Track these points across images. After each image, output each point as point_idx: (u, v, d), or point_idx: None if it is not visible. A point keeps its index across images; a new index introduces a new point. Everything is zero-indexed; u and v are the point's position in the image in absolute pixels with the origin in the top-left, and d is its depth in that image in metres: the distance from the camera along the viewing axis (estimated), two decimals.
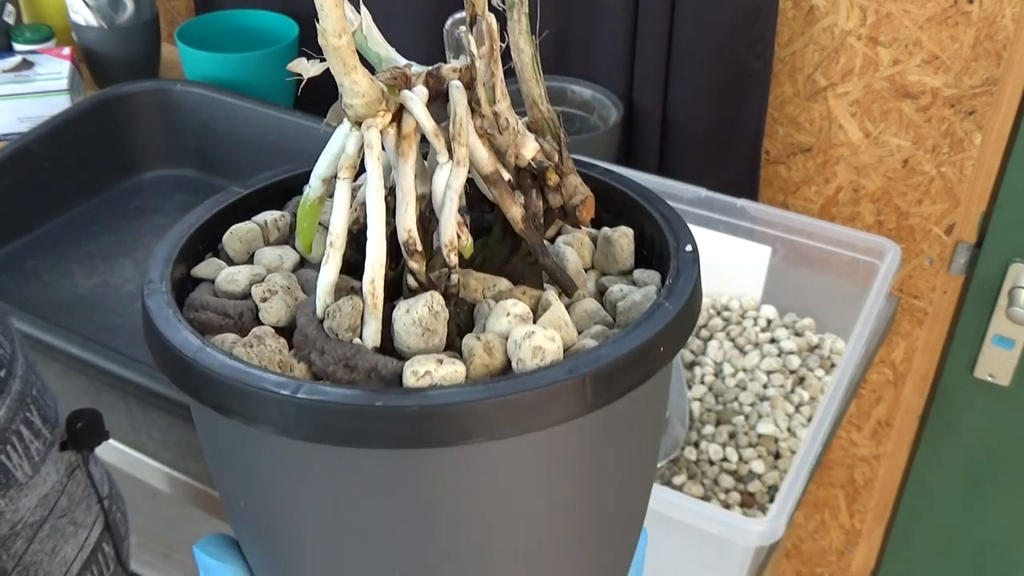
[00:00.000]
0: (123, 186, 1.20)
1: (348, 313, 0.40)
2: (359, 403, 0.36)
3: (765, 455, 0.85)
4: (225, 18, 1.30)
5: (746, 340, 0.96)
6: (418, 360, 0.38)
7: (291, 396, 0.36)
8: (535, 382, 0.37)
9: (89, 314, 1.01)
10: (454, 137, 0.40)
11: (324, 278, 0.40)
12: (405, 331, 0.39)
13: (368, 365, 0.39)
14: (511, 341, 0.39)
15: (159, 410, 0.85)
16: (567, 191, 0.44)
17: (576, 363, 0.38)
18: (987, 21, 1.00)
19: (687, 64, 1.09)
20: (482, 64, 0.42)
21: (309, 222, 0.43)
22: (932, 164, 1.10)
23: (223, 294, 0.43)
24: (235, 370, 0.37)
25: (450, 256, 0.41)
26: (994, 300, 1.12)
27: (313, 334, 0.40)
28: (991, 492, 1.24)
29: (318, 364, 0.39)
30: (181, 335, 0.39)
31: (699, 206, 0.99)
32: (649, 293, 0.44)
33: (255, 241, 0.45)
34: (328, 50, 0.38)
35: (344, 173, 0.40)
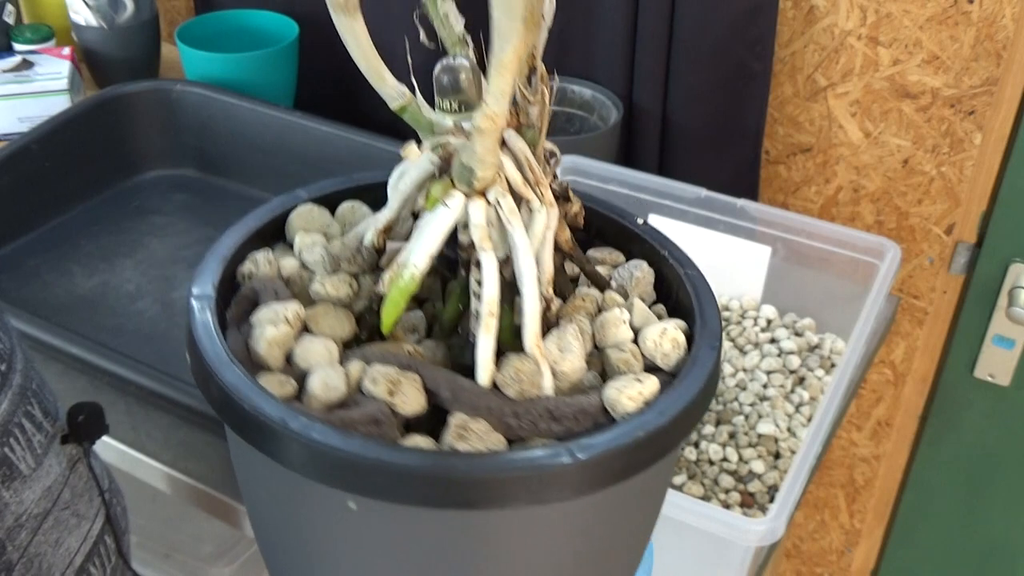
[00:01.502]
0: (123, 186, 1.20)
1: (533, 372, 0.41)
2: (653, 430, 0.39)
3: (765, 455, 0.85)
4: (225, 18, 1.30)
5: (746, 340, 0.96)
6: (623, 385, 0.40)
7: (582, 459, 0.37)
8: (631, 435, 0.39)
9: (89, 314, 1.01)
10: (536, 183, 0.42)
11: (486, 347, 0.41)
12: (572, 369, 0.42)
13: (573, 409, 0.40)
14: (650, 342, 0.43)
15: (159, 410, 0.85)
16: (572, 203, 0.47)
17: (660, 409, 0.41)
18: (987, 21, 1.00)
19: (687, 64, 1.09)
20: (536, 110, 0.43)
21: (406, 300, 0.42)
22: (932, 164, 1.10)
23: (323, 405, 0.41)
24: (505, 462, 0.38)
25: (548, 290, 0.43)
26: (994, 300, 1.12)
27: (497, 404, 0.40)
28: (991, 492, 1.24)
29: (521, 427, 0.40)
30: (413, 456, 0.38)
31: (699, 206, 0.99)
32: (643, 267, 0.47)
33: (289, 342, 0.44)
34: (487, 132, 0.40)
35: (487, 244, 0.41)
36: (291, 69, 1.26)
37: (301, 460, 0.38)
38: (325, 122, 1.14)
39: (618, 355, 0.42)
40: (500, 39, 0.37)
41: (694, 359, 0.41)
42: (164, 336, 0.99)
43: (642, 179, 1.01)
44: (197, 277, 0.45)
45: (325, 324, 0.44)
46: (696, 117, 1.12)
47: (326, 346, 0.43)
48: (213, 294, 0.44)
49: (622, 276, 0.47)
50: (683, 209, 1.00)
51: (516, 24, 0.36)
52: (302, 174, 1.17)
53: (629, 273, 0.47)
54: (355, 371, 0.41)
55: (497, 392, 0.41)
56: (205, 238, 1.13)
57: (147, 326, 1.00)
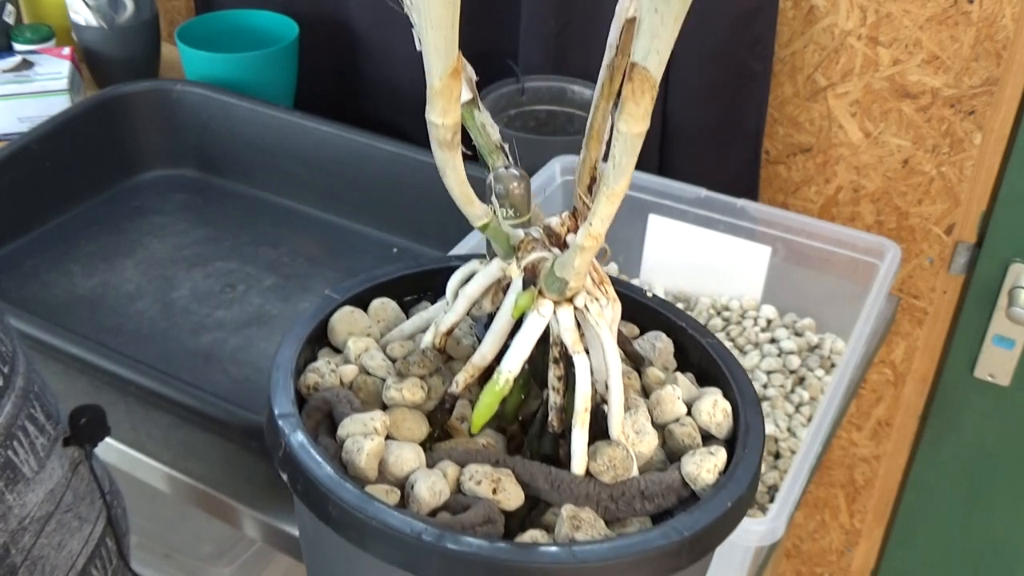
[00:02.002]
0: (123, 186, 1.20)
1: (624, 458, 0.44)
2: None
3: (765, 455, 0.85)
4: (225, 18, 1.30)
5: (746, 340, 0.96)
6: (700, 460, 0.44)
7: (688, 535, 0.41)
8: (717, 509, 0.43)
9: (89, 314, 1.01)
10: (600, 282, 0.46)
11: (582, 441, 0.44)
12: (648, 449, 0.45)
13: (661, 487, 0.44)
14: (704, 414, 0.46)
15: (159, 410, 0.85)
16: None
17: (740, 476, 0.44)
18: (987, 21, 1.00)
19: (687, 64, 1.09)
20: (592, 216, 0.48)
21: (496, 402, 0.45)
22: (932, 164, 1.10)
23: (428, 508, 0.43)
24: (636, 545, 0.41)
25: None
26: (994, 300, 1.12)
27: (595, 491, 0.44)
28: (991, 492, 1.24)
29: (619, 509, 0.44)
30: (548, 552, 0.40)
31: (699, 206, 0.99)
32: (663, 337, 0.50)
33: (381, 451, 0.45)
34: (591, 249, 0.43)
35: (578, 347, 0.44)
36: (291, 69, 1.26)
37: (441, 570, 0.40)
38: (325, 122, 1.14)
39: (681, 430, 0.46)
40: (617, 171, 0.41)
41: (746, 426, 0.45)
42: (164, 336, 0.99)
43: (642, 179, 1.01)
44: (273, 395, 0.47)
45: (405, 428, 0.46)
46: (696, 117, 1.12)
47: (415, 451, 0.45)
48: (295, 411, 0.46)
49: (643, 348, 0.50)
50: (683, 209, 1.00)
51: (631, 160, 0.40)
52: (302, 174, 1.17)
53: (651, 344, 0.50)
54: (452, 472, 0.44)
55: (592, 479, 0.44)
56: (205, 238, 1.13)
57: (147, 326, 1.00)
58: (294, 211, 1.18)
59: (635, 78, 0.39)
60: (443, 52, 0.42)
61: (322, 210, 1.17)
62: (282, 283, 1.07)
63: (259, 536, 0.84)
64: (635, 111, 0.39)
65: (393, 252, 1.12)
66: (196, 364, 0.96)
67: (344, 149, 1.13)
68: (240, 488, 0.83)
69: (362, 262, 1.10)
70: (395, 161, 1.09)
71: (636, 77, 0.38)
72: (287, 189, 1.19)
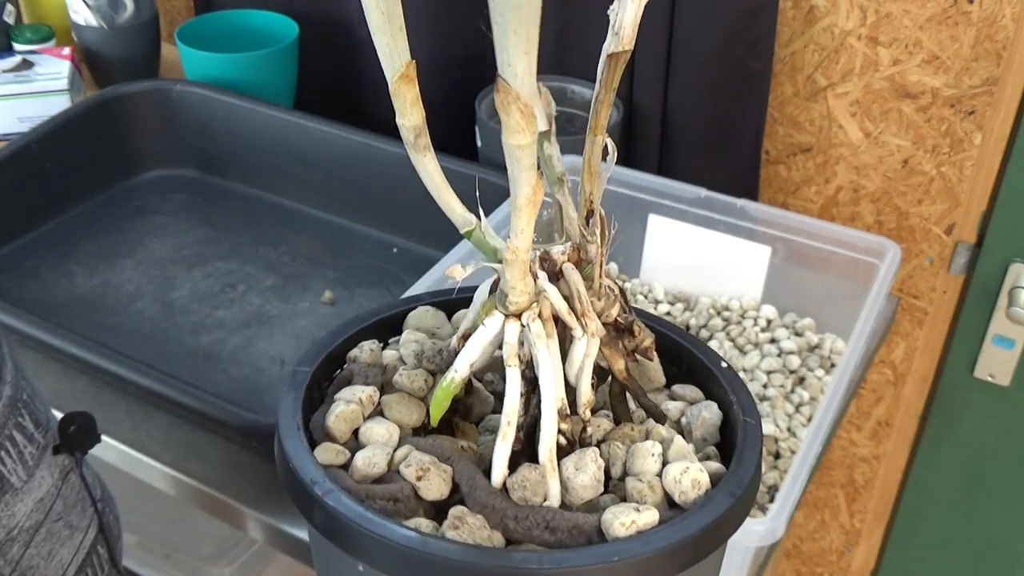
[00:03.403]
0: (123, 186, 1.20)
1: (538, 481, 0.44)
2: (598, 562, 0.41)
3: (765, 455, 0.85)
4: (225, 18, 1.30)
5: (746, 340, 0.96)
6: (620, 512, 0.43)
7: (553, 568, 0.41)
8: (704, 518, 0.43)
9: (89, 314, 1.01)
10: (582, 314, 0.46)
11: (502, 453, 0.45)
12: (583, 487, 0.45)
13: (569, 524, 0.43)
14: (670, 478, 0.45)
15: (159, 410, 0.85)
16: (639, 337, 0.51)
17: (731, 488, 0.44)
18: (987, 21, 1.00)
19: (687, 64, 1.09)
20: (593, 248, 0.48)
21: (448, 400, 0.47)
22: (932, 164, 1.10)
23: (363, 477, 0.46)
24: (484, 553, 0.42)
25: (586, 413, 0.47)
26: (994, 300, 1.12)
27: (501, 505, 0.44)
28: (991, 492, 1.24)
29: (518, 531, 0.44)
30: (398, 532, 0.42)
31: (699, 206, 0.99)
32: (714, 409, 0.50)
33: (357, 419, 0.48)
34: (514, 263, 0.44)
35: (513, 361, 0.45)
36: (291, 69, 1.26)
37: (321, 520, 0.43)
38: (325, 122, 1.14)
39: (635, 484, 0.45)
40: (514, 186, 0.42)
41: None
42: (164, 336, 0.99)
43: (642, 179, 1.01)
44: (308, 352, 0.51)
45: (396, 410, 0.49)
46: (696, 117, 1.12)
47: (388, 428, 0.48)
48: (310, 370, 0.50)
49: (692, 415, 0.50)
50: (683, 209, 1.00)
51: (524, 173, 0.41)
52: (302, 174, 1.17)
53: (698, 411, 0.50)
54: (401, 454, 0.46)
55: (505, 494, 0.44)
56: (205, 238, 1.13)
57: (147, 326, 1.00)
58: (294, 211, 1.18)
59: (499, 90, 0.40)
60: (389, 56, 0.44)
61: (322, 210, 1.17)
62: (282, 283, 1.07)
63: (260, 536, 0.84)
64: (508, 122, 0.40)
65: (393, 252, 1.12)
66: (196, 364, 0.96)
67: (344, 149, 1.13)
68: (240, 488, 0.83)
69: (362, 262, 1.10)
70: (395, 161, 1.09)
71: (500, 89, 0.39)
72: (287, 189, 1.19)
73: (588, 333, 0.46)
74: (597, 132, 0.48)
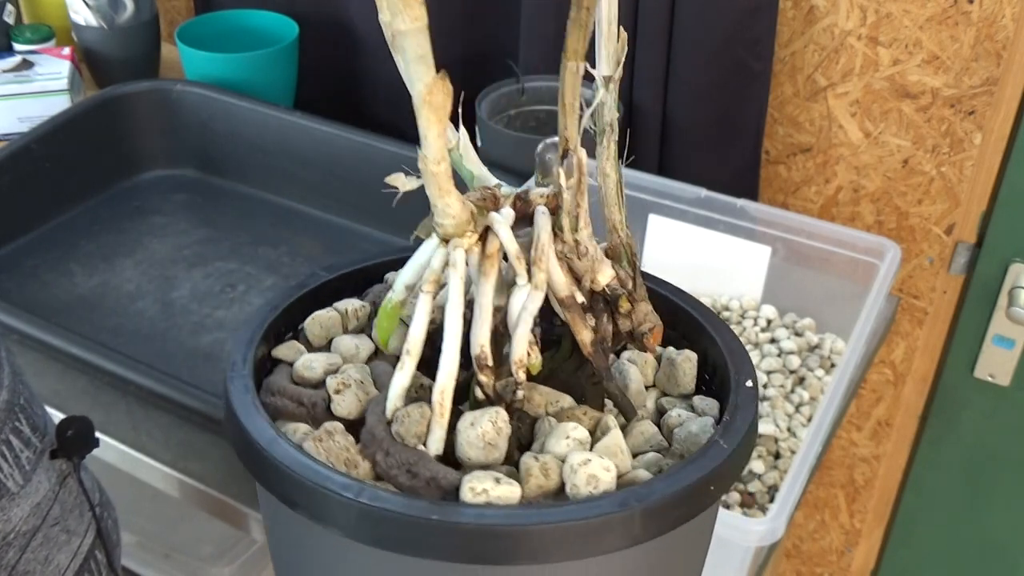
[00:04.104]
0: (123, 186, 1.20)
1: (416, 420, 0.41)
2: (416, 515, 0.38)
3: (765, 455, 0.85)
4: (225, 18, 1.30)
5: (746, 340, 0.96)
6: (477, 476, 0.39)
7: (353, 499, 0.38)
8: (587, 512, 0.38)
9: (89, 314, 1.01)
10: (535, 261, 0.42)
11: (397, 383, 0.42)
12: (468, 444, 0.41)
13: (429, 474, 0.40)
14: (567, 466, 0.40)
15: (159, 410, 0.85)
16: (637, 317, 0.45)
17: (627, 496, 0.39)
18: (987, 21, 1.00)
19: (687, 64, 1.09)
20: (569, 195, 0.44)
21: (389, 322, 0.45)
22: (932, 164, 1.10)
23: (300, 380, 0.45)
24: (304, 466, 0.39)
25: (519, 373, 0.43)
26: (994, 300, 1.12)
27: (380, 435, 0.41)
28: (991, 492, 1.24)
29: (382, 465, 0.41)
30: (257, 423, 0.41)
31: (699, 206, 0.99)
32: (706, 425, 0.45)
33: (335, 328, 0.47)
34: (426, 175, 0.40)
35: (427, 287, 0.42)
36: (291, 69, 1.26)
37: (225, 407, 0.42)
38: (325, 122, 1.14)
39: (529, 460, 0.41)
40: (409, 84, 0.38)
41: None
42: (164, 336, 0.99)
43: (642, 179, 1.01)
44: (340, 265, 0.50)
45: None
46: (696, 117, 1.12)
47: (358, 344, 0.46)
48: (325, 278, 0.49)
49: (682, 428, 0.46)
50: (683, 209, 1.00)
51: (412, 66, 0.37)
52: (302, 174, 1.17)
53: (688, 427, 0.45)
54: (342, 369, 0.44)
55: (389, 428, 0.42)
56: (205, 238, 1.13)
57: (147, 326, 1.00)
58: (294, 211, 1.18)
59: None
60: None
61: (322, 210, 1.17)
62: (282, 283, 1.07)
63: (260, 536, 0.84)
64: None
65: None
66: (196, 364, 0.96)
67: (344, 149, 1.13)
68: (241, 488, 0.83)
69: None
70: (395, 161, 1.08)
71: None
72: (287, 189, 1.19)
73: (532, 284, 0.42)
74: (571, 57, 0.43)
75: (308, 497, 0.39)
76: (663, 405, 0.48)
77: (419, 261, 0.43)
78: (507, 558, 0.38)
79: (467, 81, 1.17)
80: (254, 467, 0.41)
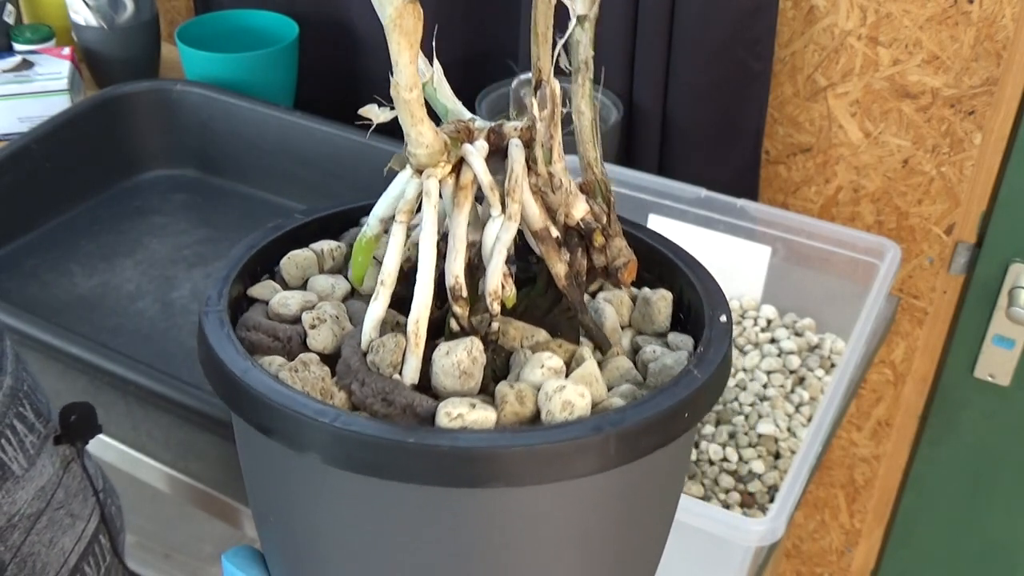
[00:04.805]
0: (123, 186, 1.20)
1: (391, 349, 0.41)
2: (392, 438, 0.38)
3: (765, 455, 0.85)
4: (225, 18, 1.30)
5: (746, 340, 0.96)
6: (452, 402, 0.39)
7: (329, 424, 0.38)
8: (561, 436, 0.38)
9: (89, 314, 1.01)
10: (509, 193, 0.42)
11: (372, 313, 0.42)
12: (443, 372, 0.41)
13: (404, 401, 0.40)
14: (542, 392, 0.40)
15: (159, 410, 0.85)
16: (611, 252, 0.46)
17: (601, 421, 0.39)
18: (987, 21, 1.00)
19: (687, 64, 1.09)
20: (542, 126, 0.43)
21: (364, 257, 0.45)
22: (932, 164, 1.10)
23: (275, 316, 0.45)
24: (279, 393, 0.39)
25: (493, 305, 0.43)
26: (994, 300, 1.12)
27: (356, 365, 0.41)
28: (991, 492, 1.24)
29: (357, 395, 0.41)
30: (231, 354, 0.41)
31: (699, 206, 0.99)
32: (680, 358, 0.45)
33: (310, 268, 0.47)
34: (399, 102, 0.40)
35: (401, 217, 0.42)
36: (291, 69, 1.26)
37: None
38: (325, 122, 1.14)
39: (504, 388, 0.41)
40: (379, 8, 0.37)
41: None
42: (164, 336, 0.99)
43: (642, 179, 1.01)
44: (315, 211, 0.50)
45: None
46: (696, 117, 1.12)
47: (334, 283, 0.46)
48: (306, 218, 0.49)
49: (657, 361, 0.46)
50: (683, 209, 1.00)
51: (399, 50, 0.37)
52: (302, 174, 1.17)
53: (665, 357, 0.45)
54: (318, 305, 0.44)
55: (363, 358, 0.42)
56: (205, 238, 1.13)
57: (147, 326, 1.00)
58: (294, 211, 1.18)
59: None
60: None
61: None
62: None
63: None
64: None
65: None
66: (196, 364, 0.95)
67: (344, 149, 1.13)
68: (241, 488, 0.83)
69: None
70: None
71: None
72: (287, 189, 1.19)
73: (506, 215, 0.42)
74: None
75: (283, 424, 0.39)
76: (638, 343, 0.48)
77: (393, 193, 0.43)
78: (482, 481, 0.38)
79: (467, 81, 1.17)
80: (228, 396, 0.41)
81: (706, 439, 0.87)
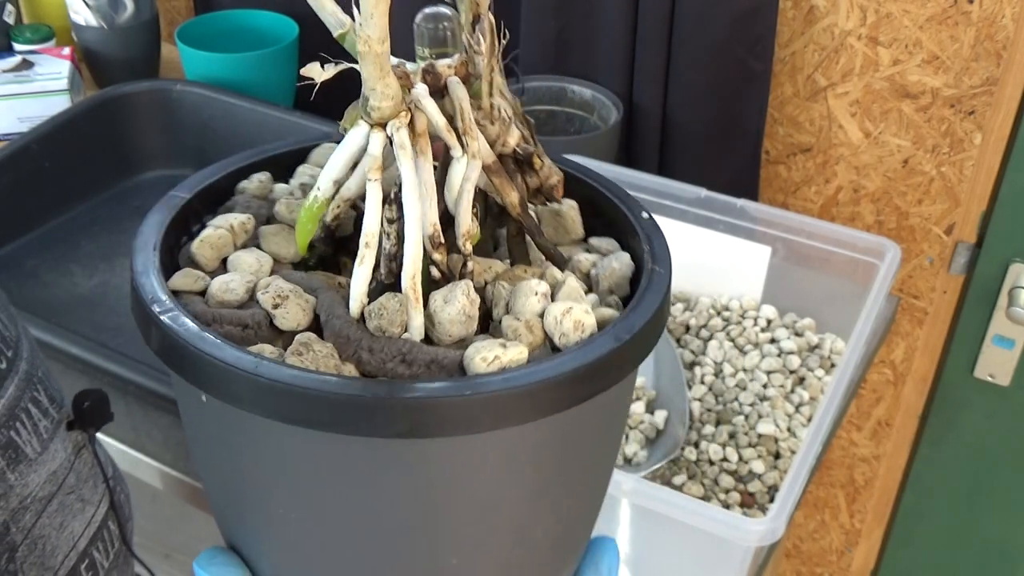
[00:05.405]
0: (123, 186, 1.20)
1: (396, 310, 0.40)
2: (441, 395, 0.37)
3: (765, 455, 0.85)
4: (225, 18, 1.30)
5: (746, 340, 0.96)
6: (483, 347, 0.39)
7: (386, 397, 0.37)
8: (591, 353, 0.39)
9: (89, 314, 1.01)
10: (464, 132, 0.42)
11: (359, 278, 0.41)
12: (450, 322, 0.40)
13: (428, 358, 0.39)
14: (551, 318, 0.41)
15: (159, 410, 0.85)
16: (543, 173, 0.46)
17: (619, 331, 0.40)
18: (987, 21, 1.00)
19: (687, 64, 1.09)
20: (482, 60, 0.43)
21: (313, 223, 0.43)
22: (932, 164, 1.10)
23: (218, 304, 0.42)
24: (315, 379, 0.37)
25: (466, 245, 0.42)
26: (994, 300, 1.12)
27: (356, 334, 0.40)
28: (991, 492, 1.24)
29: (371, 362, 0.40)
30: (233, 353, 0.39)
31: (699, 206, 0.99)
32: (624, 259, 0.46)
33: (226, 247, 0.45)
34: (368, 56, 0.39)
35: (374, 175, 0.41)
36: (291, 69, 1.26)
37: (157, 342, 0.41)
38: (325, 122, 1.14)
39: (511, 322, 0.41)
40: None
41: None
42: None
43: (642, 179, 1.01)
44: (190, 179, 0.48)
45: (272, 242, 0.45)
46: (696, 117, 1.12)
47: (259, 258, 0.44)
48: (186, 196, 0.47)
49: (602, 266, 0.46)
50: (683, 209, 1.00)
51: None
52: None
53: (608, 262, 0.46)
54: (264, 283, 0.42)
55: (362, 324, 0.41)
56: None
57: None
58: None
59: None
60: None
61: None
62: None
63: None
64: None
65: None
66: None
67: None
68: None
69: None
70: None
71: None
72: None
73: (469, 154, 0.42)
74: None
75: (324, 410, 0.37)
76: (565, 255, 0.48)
77: (350, 151, 0.42)
78: (528, 416, 0.38)
79: None
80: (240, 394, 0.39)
81: (706, 439, 0.87)
